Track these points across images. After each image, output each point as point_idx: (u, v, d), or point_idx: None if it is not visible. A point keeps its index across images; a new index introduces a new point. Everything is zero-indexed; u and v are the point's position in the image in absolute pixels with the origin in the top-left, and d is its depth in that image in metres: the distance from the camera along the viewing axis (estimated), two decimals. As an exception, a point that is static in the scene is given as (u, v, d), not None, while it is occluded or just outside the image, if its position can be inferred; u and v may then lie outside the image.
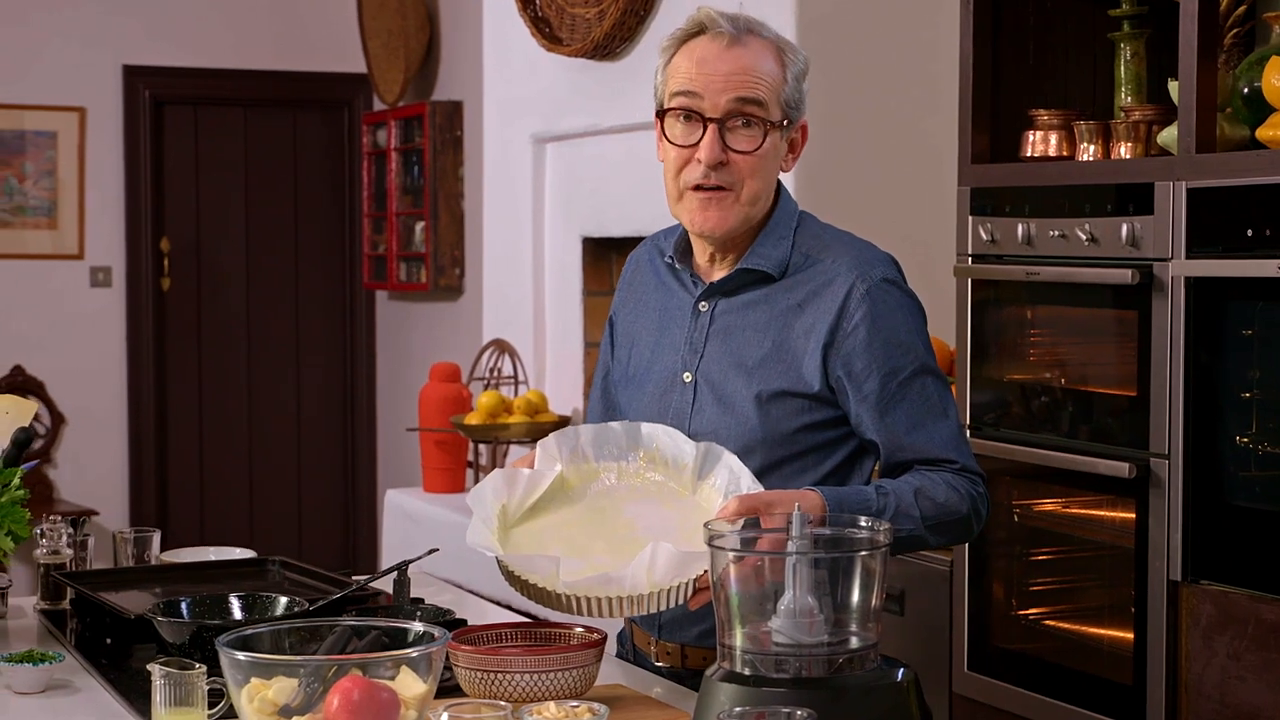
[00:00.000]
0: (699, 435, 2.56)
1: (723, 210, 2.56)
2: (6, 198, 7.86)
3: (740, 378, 2.58)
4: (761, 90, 2.53)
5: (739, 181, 2.55)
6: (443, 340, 7.58)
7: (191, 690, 2.18)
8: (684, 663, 2.63)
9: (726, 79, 2.53)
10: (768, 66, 2.55)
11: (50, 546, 3.04)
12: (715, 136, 2.53)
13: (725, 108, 2.53)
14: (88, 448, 8.01)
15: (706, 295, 2.64)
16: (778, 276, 2.59)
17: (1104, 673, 3.41)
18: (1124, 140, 3.44)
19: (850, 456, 2.60)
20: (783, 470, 2.56)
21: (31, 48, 7.80)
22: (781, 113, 2.56)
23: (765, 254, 2.60)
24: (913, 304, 2.60)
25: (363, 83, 8.15)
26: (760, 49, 2.56)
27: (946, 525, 2.54)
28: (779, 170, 2.60)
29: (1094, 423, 3.44)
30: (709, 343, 2.62)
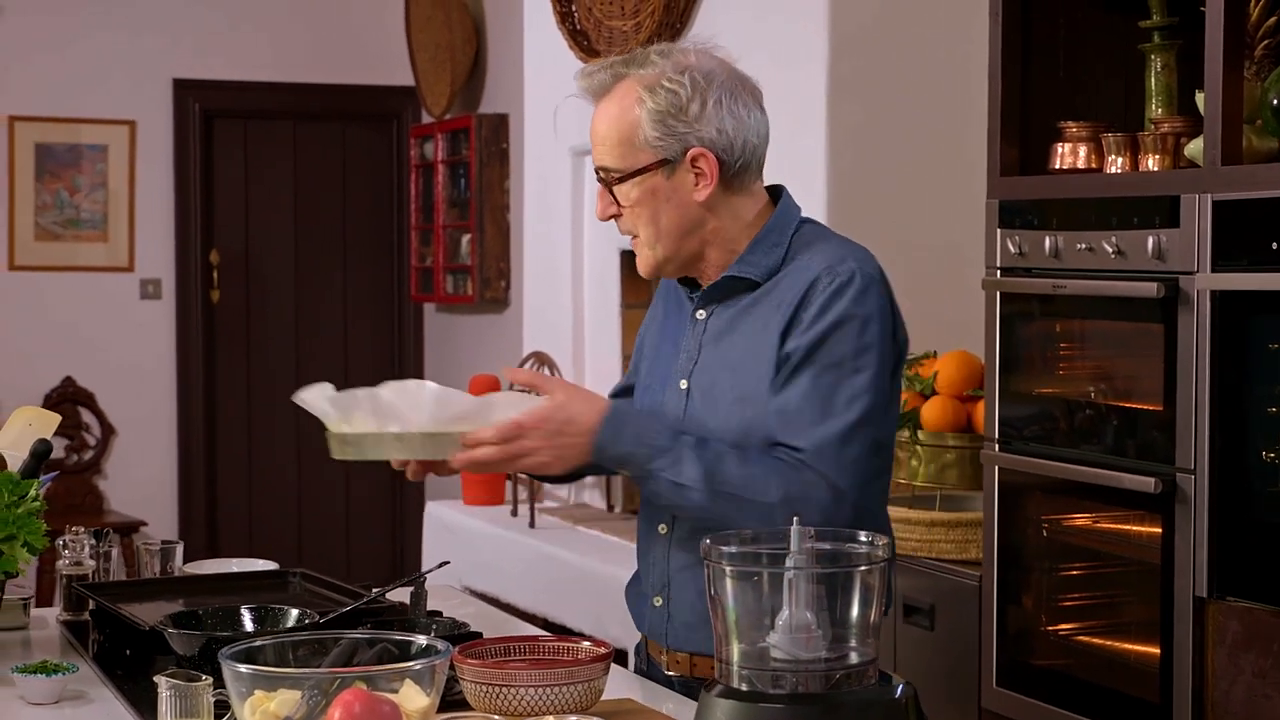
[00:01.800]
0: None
1: (640, 256, 2.68)
2: (58, 211, 7.92)
3: (725, 382, 2.64)
4: (605, 150, 2.62)
5: (633, 229, 2.66)
6: (488, 352, 7.60)
7: (197, 702, 2.19)
8: (693, 671, 2.66)
9: (593, 143, 2.66)
10: (615, 120, 2.60)
11: (73, 558, 3.07)
12: (602, 195, 2.67)
13: (597, 169, 2.66)
14: (137, 458, 8.06)
15: (703, 303, 2.71)
16: (763, 282, 2.65)
17: (1131, 690, 3.39)
18: (1152, 152, 3.42)
19: None
20: None
21: (83, 62, 7.87)
22: (650, 155, 2.59)
23: (754, 261, 2.65)
24: (874, 303, 2.60)
25: (410, 96, 8.18)
26: (617, 99, 2.61)
27: (740, 502, 2.52)
28: (691, 205, 2.62)
29: (1120, 437, 3.42)
30: (703, 349, 2.69)
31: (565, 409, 2.59)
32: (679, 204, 2.62)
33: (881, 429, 2.61)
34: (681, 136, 2.59)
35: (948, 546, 3.92)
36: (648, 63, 2.62)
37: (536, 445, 2.57)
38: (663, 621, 2.71)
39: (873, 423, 2.57)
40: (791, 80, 4.55)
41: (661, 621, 2.72)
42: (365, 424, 2.59)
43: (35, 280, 7.88)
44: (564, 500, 5.94)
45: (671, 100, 2.58)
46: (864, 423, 2.55)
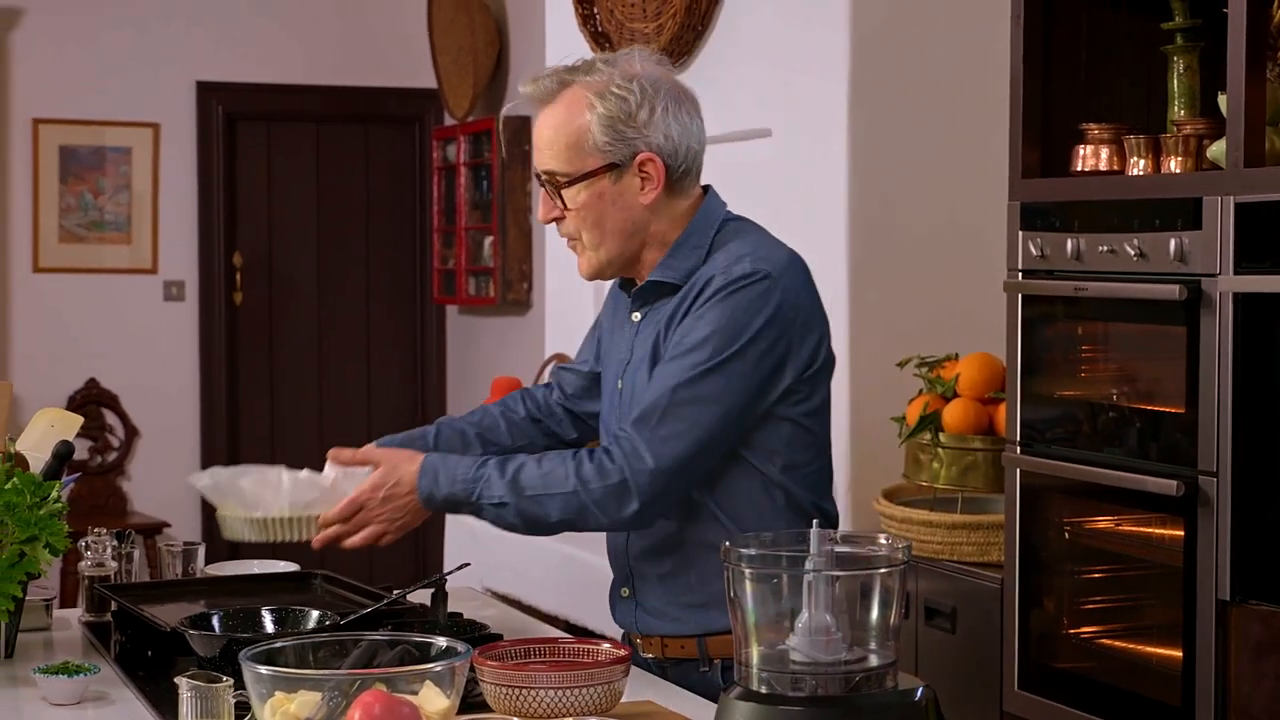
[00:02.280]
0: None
1: (582, 259, 2.80)
2: (82, 213, 7.95)
3: (646, 376, 2.77)
4: (552, 154, 2.72)
5: (574, 231, 2.77)
6: (511, 354, 7.60)
7: (218, 703, 2.20)
8: (664, 652, 2.83)
9: (537, 148, 2.76)
10: (562, 124, 2.71)
11: (95, 559, 3.08)
12: (544, 199, 2.78)
13: (541, 173, 2.77)
14: (160, 460, 8.08)
15: (636, 306, 2.85)
16: (683, 284, 2.75)
17: (1153, 693, 3.37)
18: (1174, 154, 3.41)
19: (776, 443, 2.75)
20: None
21: (106, 65, 7.89)
22: (600, 158, 2.71)
23: (674, 265, 2.76)
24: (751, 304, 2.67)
25: (433, 98, 8.19)
26: (564, 104, 2.72)
27: (543, 497, 2.69)
28: (637, 209, 2.75)
29: (1142, 439, 3.41)
30: (634, 350, 2.83)
31: (391, 473, 2.78)
32: (624, 207, 2.74)
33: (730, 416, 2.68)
34: (630, 141, 2.71)
35: (969, 549, 3.91)
36: (594, 70, 2.73)
37: (375, 513, 2.77)
38: (631, 610, 2.88)
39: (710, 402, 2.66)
40: (812, 82, 4.55)
41: (630, 610, 2.88)
42: (235, 509, 2.82)
43: (59, 282, 7.90)
44: (586, 502, 5.93)
45: (621, 106, 2.71)
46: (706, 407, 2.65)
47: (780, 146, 4.72)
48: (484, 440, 3.10)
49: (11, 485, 2.65)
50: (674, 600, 2.80)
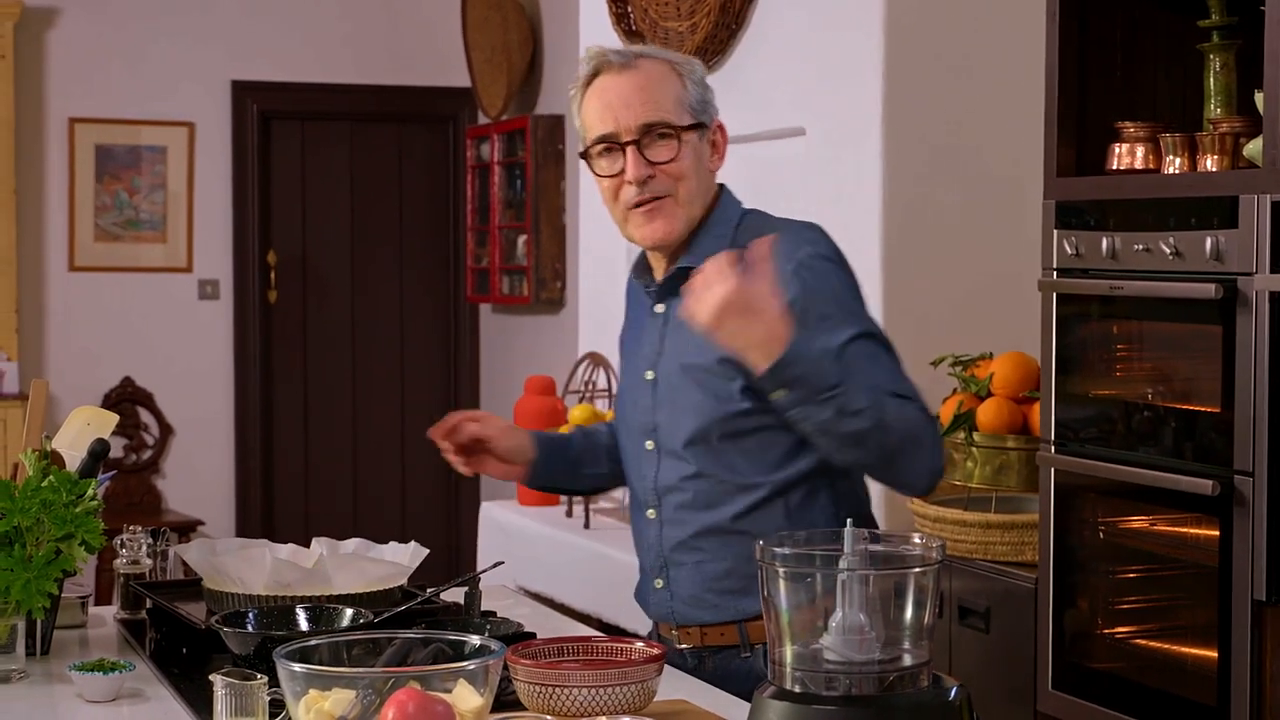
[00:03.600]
0: (660, 427, 2.82)
1: (664, 217, 2.76)
2: (117, 212, 7.98)
3: (689, 363, 2.75)
4: (663, 105, 2.74)
5: (671, 187, 2.75)
6: (544, 353, 7.61)
7: (252, 701, 2.20)
8: (704, 641, 2.82)
9: (629, 105, 2.74)
10: (663, 82, 2.76)
11: (130, 556, 3.09)
12: (636, 155, 2.74)
13: (637, 129, 2.74)
14: (195, 458, 8.11)
15: (659, 298, 2.85)
16: None
17: (1188, 693, 3.36)
18: (1210, 153, 3.39)
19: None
20: (738, 445, 2.74)
21: (142, 64, 7.92)
22: (691, 117, 2.77)
23: (699, 253, 2.73)
24: (843, 273, 2.73)
25: (467, 97, 8.20)
26: (652, 68, 2.77)
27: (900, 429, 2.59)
28: (707, 173, 2.81)
29: (1177, 439, 3.39)
30: (665, 340, 2.82)
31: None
32: (704, 169, 2.80)
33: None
34: (709, 107, 2.81)
35: (1003, 549, 3.90)
36: (652, 52, 2.83)
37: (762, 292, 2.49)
38: (667, 601, 2.86)
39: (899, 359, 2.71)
40: (846, 80, 4.54)
41: (666, 601, 2.86)
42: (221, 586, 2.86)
43: (95, 281, 7.94)
44: (618, 501, 5.94)
45: (699, 74, 2.82)
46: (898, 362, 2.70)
47: (814, 145, 4.71)
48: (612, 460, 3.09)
49: (48, 483, 2.67)
50: (711, 587, 2.80)
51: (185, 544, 2.96)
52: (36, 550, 2.64)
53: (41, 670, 2.72)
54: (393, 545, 3.02)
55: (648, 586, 2.94)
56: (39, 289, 7.85)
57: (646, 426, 2.85)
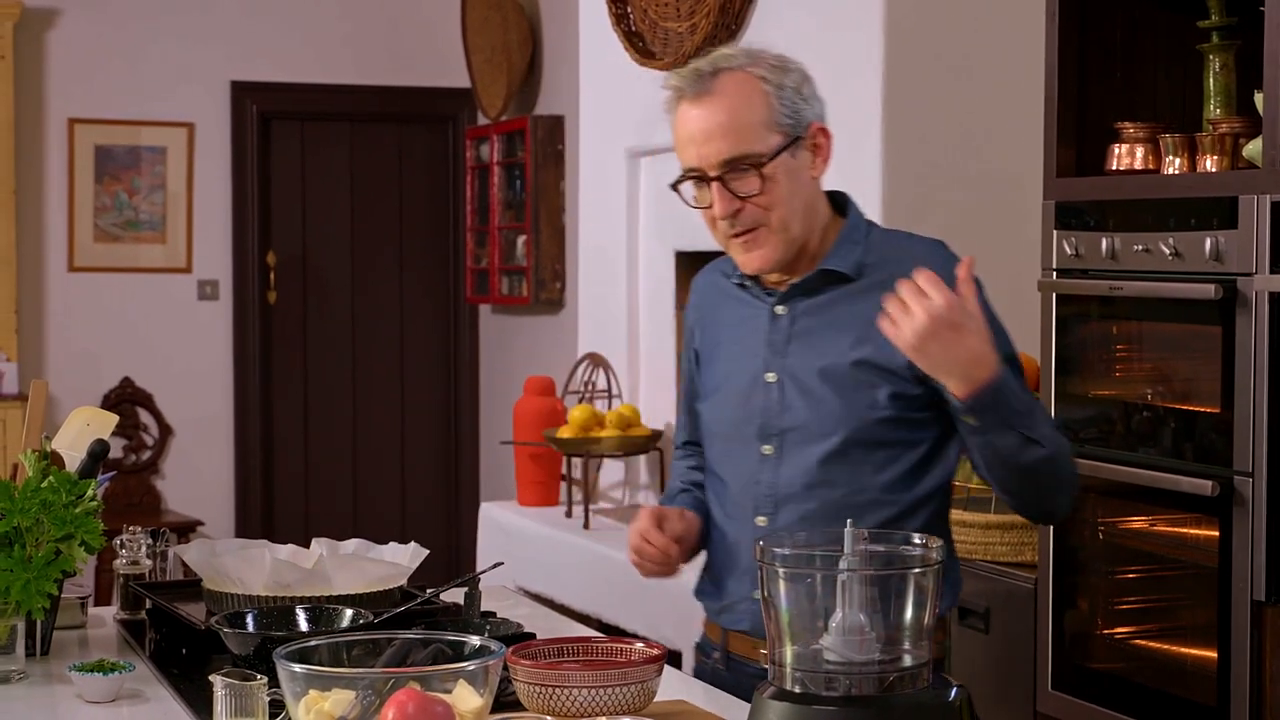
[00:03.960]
0: (788, 430, 2.67)
1: (762, 246, 2.65)
2: (117, 212, 7.98)
3: (829, 365, 2.65)
4: (744, 135, 2.60)
5: (763, 217, 2.63)
6: (543, 353, 7.61)
7: (252, 701, 2.20)
8: None
9: (706, 140, 2.60)
10: (744, 105, 2.61)
11: (130, 557, 3.09)
12: (721, 190, 2.61)
13: (716, 165, 2.60)
14: (195, 459, 8.11)
15: (785, 299, 2.71)
16: (855, 277, 2.67)
17: (1188, 694, 3.36)
18: (1210, 153, 3.39)
19: (935, 444, 2.67)
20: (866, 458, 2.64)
21: (142, 65, 7.92)
22: (781, 135, 2.62)
23: (843, 256, 2.68)
24: (985, 299, 2.62)
25: (466, 97, 8.20)
26: (731, 89, 2.62)
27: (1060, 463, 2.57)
28: (810, 183, 2.68)
29: (1177, 440, 3.39)
30: (791, 343, 2.70)
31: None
32: (803, 183, 2.66)
33: None
34: (802, 114, 2.65)
35: (1003, 549, 3.90)
36: (736, 57, 2.66)
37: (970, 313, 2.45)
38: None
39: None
40: (846, 81, 4.54)
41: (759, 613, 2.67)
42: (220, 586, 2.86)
43: (94, 281, 7.93)
44: (618, 502, 5.95)
45: (788, 79, 2.65)
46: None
47: (813, 145, 4.71)
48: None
49: (48, 484, 2.67)
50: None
51: (185, 544, 2.96)
52: (36, 551, 2.64)
53: (41, 671, 2.72)
54: (392, 546, 3.02)
55: (734, 595, 2.77)
56: (38, 289, 7.85)
57: (766, 430, 2.70)
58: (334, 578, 2.79)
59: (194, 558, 2.87)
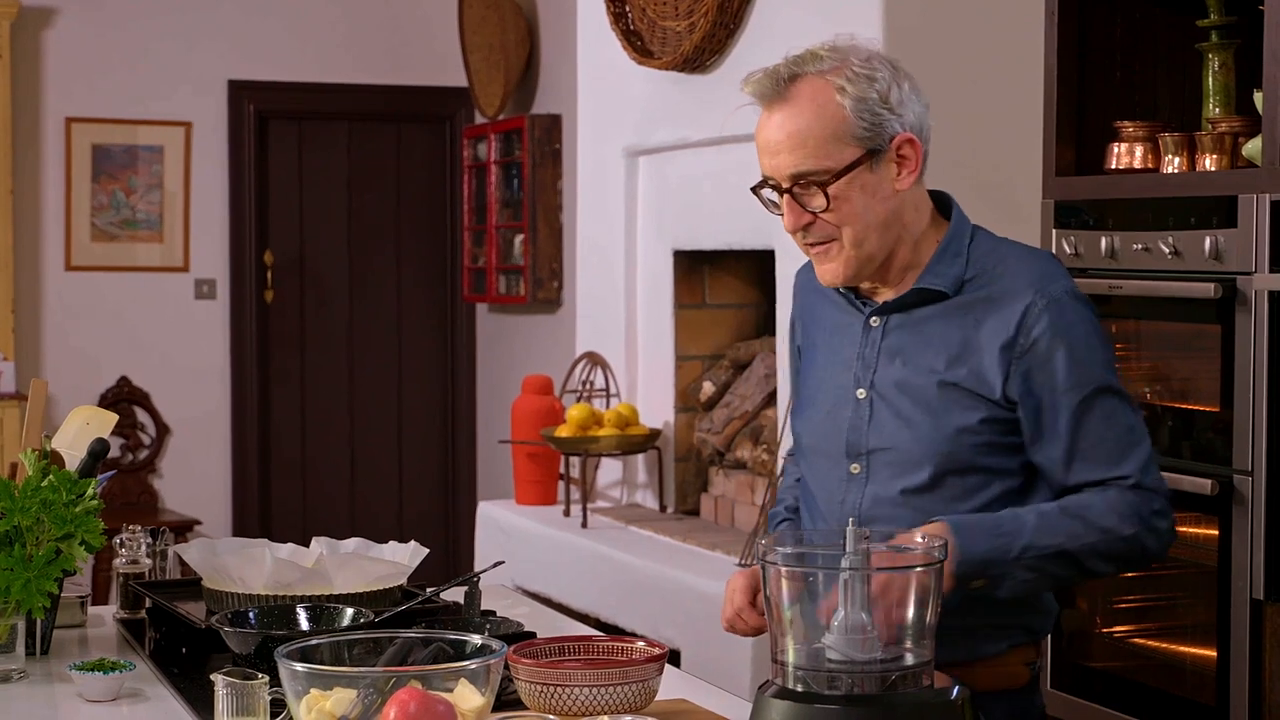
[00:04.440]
0: (876, 450, 2.55)
1: (834, 262, 2.53)
2: (114, 211, 7.98)
3: (920, 386, 2.52)
4: (810, 154, 2.47)
5: (833, 232, 2.51)
6: (541, 352, 7.61)
7: (254, 700, 2.20)
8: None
9: (777, 152, 2.49)
10: (816, 117, 2.47)
11: (129, 556, 3.09)
12: (790, 204, 2.50)
13: (785, 178, 2.49)
14: (192, 458, 8.10)
15: (879, 312, 2.58)
16: (952, 294, 2.53)
17: (1187, 692, 3.37)
18: (1209, 152, 3.40)
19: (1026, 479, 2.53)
20: (957, 486, 2.50)
21: (139, 64, 7.92)
22: (857, 147, 2.47)
23: (941, 272, 2.54)
24: (1092, 319, 2.51)
25: (464, 96, 8.20)
26: (806, 97, 2.48)
27: (1105, 545, 2.43)
28: (892, 196, 2.52)
29: (1177, 438, 3.40)
30: (881, 357, 2.57)
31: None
32: (883, 197, 2.51)
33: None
34: (887, 124, 2.49)
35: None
36: (822, 58, 2.52)
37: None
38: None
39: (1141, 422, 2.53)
40: (845, 80, 4.54)
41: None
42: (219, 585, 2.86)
43: (92, 280, 7.93)
44: (616, 500, 5.95)
45: (872, 87, 2.49)
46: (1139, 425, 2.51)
47: (812, 145, 4.71)
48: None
49: (48, 483, 2.66)
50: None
51: (184, 544, 2.95)
52: (36, 550, 2.64)
53: (41, 670, 2.72)
54: (392, 545, 3.02)
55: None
56: (36, 288, 7.84)
57: (855, 449, 2.57)
58: (334, 577, 2.79)
59: (194, 557, 2.87)
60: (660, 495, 5.71)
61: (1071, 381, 2.46)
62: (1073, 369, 2.46)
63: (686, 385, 5.67)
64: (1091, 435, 2.46)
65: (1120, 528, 2.43)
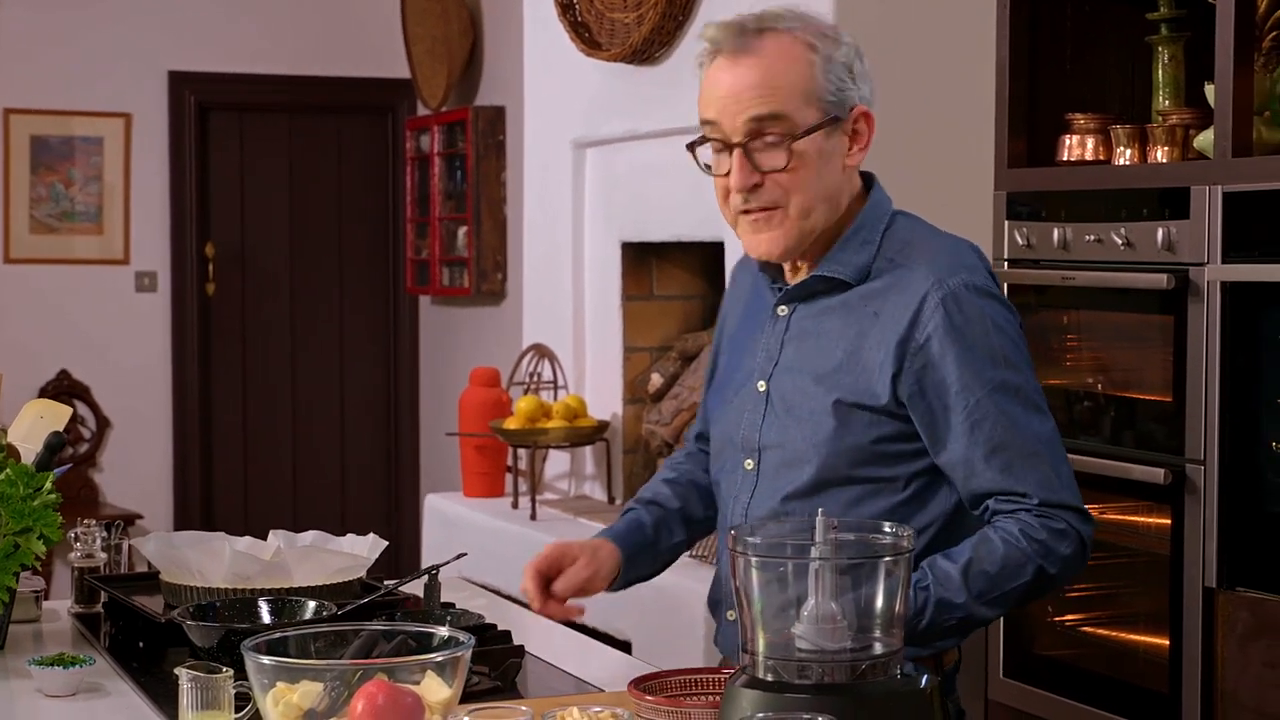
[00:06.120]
0: (768, 446, 2.45)
1: (774, 231, 2.39)
2: (53, 203, 7.91)
3: (812, 387, 2.41)
4: (777, 101, 2.33)
5: (783, 198, 2.37)
6: (485, 345, 7.60)
7: (218, 694, 2.18)
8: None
9: (738, 99, 2.34)
10: (786, 69, 2.33)
11: (84, 550, 3.07)
12: (742, 160, 2.36)
13: (744, 129, 2.35)
14: (133, 452, 8.05)
15: (785, 300, 2.48)
16: (855, 283, 2.41)
17: (1140, 680, 3.39)
18: (1161, 144, 3.42)
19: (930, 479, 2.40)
20: (839, 496, 2.39)
21: (78, 55, 7.85)
22: (820, 110, 2.34)
23: (845, 259, 2.41)
24: (997, 313, 2.37)
25: (406, 88, 8.17)
26: (778, 49, 2.34)
27: (1008, 594, 2.32)
28: (841, 171, 2.41)
29: (1129, 428, 3.42)
30: (784, 349, 2.46)
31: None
32: (834, 169, 2.39)
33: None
34: (849, 92, 2.38)
35: (954, 538, 3.92)
36: (786, 18, 2.38)
37: None
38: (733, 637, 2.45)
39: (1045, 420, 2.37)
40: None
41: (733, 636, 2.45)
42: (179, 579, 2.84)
43: (30, 273, 7.86)
44: (564, 493, 5.94)
45: (841, 53, 2.37)
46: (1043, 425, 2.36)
47: (761, 136, 4.72)
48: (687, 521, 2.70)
49: (5, 476, 2.64)
50: None
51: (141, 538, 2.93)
52: (-6, 544, 2.62)
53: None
54: (350, 537, 3.01)
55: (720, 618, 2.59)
56: (-26, 281, 7.78)
57: (749, 444, 2.48)
58: (294, 570, 2.78)
59: (152, 550, 2.85)
60: (609, 487, 5.71)
61: (964, 382, 2.32)
62: (966, 368, 2.32)
63: (634, 377, 5.68)
64: (990, 441, 2.32)
65: (1020, 574, 2.29)
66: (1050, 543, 2.31)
